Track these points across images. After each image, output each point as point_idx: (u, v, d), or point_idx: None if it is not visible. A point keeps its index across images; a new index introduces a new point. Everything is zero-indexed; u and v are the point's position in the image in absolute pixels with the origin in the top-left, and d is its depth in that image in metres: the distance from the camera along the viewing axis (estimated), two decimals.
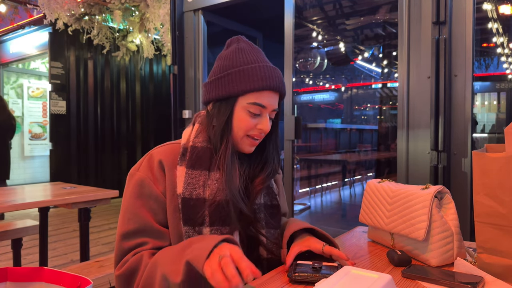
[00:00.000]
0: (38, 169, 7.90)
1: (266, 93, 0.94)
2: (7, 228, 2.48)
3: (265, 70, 0.94)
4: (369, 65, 6.77)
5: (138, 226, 0.89)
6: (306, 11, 4.51)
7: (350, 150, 5.99)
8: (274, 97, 0.96)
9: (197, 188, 0.90)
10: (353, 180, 5.71)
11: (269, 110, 0.96)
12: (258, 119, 0.95)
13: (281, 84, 0.97)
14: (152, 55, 5.60)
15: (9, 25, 5.98)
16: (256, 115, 0.95)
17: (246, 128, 0.95)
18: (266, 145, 1.03)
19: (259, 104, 0.93)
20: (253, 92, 0.93)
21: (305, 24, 4.74)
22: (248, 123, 0.94)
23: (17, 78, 7.76)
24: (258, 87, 0.92)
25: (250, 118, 0.94)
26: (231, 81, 0.94)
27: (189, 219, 0.88)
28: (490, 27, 4.31)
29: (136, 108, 6.89)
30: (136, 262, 0.86)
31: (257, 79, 0.93)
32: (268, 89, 0.93)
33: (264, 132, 0.96)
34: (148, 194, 0.91)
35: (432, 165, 2.02)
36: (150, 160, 0.94)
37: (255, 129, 0.95)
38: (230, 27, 3.81)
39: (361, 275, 0.73)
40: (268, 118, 0.96)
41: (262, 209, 0.99)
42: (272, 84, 0.94)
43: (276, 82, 0.95)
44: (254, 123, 0.95)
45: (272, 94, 0.95)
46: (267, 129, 0.96)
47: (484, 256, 0.83)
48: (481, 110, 5.93)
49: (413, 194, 0.98)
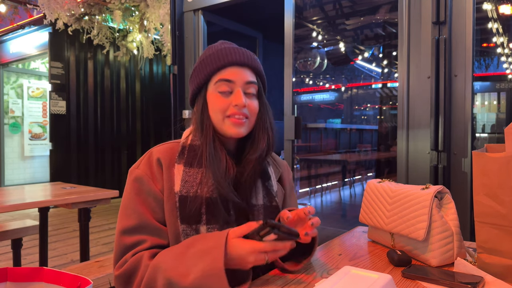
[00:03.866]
0: (38, 169, 7.90)
1: (230, 69, 0.93)
2: (7, 228, 2.48)
3: (224, 50, 0.94)
4: (369, 65, 6.77)
5: (138, 222, 0.89)
6: (306, 11, 4.51)
7: (350, 150, 5.99)
8: (242, 71, 0.94)
9: (194, 186, 0.90)
10: (353, 180, 5.71)
11: (240, 84, 0.93)
12: (232, 97, 0.93)
13: (245, 58, 0.95)
14: (152, 55, 5.60)
15: (9, 25, 5.97)
16: (227, 93, 0.93)
17: (221, 108, 0.93)
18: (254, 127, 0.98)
19: (224, 79, 0.92)
20: (217, 72, 0.93)
21: (305, 24, 4.74)
22: (221, 103, 0.93)
23: (17, 78, 7.75)
24: (219, 65, 0.92)
25: (223, 97, 0.93)
26: (198, 73, 0.96)
27: (186, 217, 0.88)
28: (490, 27, 4.31)
29: (136, 108, 6.89)
30: (135, 263, 0.85)
31: (216, 60, 0.93)
32: (229, 64, 0.93)
33: (240, 106, 0.92)
34: (146, 191, 0.91)
35: (432, 165, 2.02)
36: (150, 158, 0.94)
37: (231, 107, 0.93)
38: (230, 27, 3.80)
39: (361, 275, 0.73)
40: (241, 92, 0.92)
41: (261, 210, 0.97)
42: (233, 58, 0.93)
43: (238, 56, 0.93)
44: (228, 101, 0.93)
45: (238, 69, 0.93)
46: (242, 102, 0.91)
47: (484, 256, 0.83)
48: (481, 110, 5.93)
49: (413, 194, 0.98)
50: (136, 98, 6.88)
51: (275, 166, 1.09)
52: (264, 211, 0.97)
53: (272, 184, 1.01)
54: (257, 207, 0.96)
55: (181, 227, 0.88)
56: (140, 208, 0.90)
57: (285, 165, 1.13)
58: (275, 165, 1.09)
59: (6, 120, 7.57)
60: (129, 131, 6.84)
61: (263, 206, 0.97)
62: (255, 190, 0.97)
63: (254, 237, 0.78)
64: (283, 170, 1.11)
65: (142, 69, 6.88)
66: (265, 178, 1.00)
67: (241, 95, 0.92)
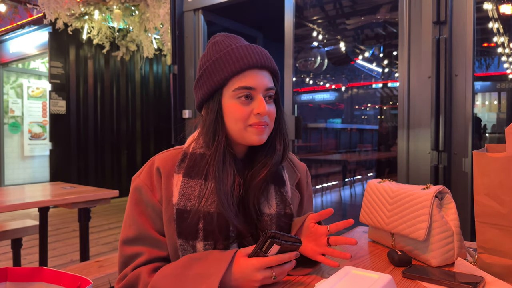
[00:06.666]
0: (38, 169, 7.90)
1: (249, 73, 0.84)
2: (7, 228, 2.48)
3: (240, 50, 0.85)
4: (369, 64, 6.76)
5: (137, 233, 0.87)
6: (306, 10, 4.51)
7: (350, 150, 5.99)
8: (262, 75, 0.86)
9: (192, 199, 0.84)
10: (353, 180, 5.71)
11: (261, 90, 0.86)
12: (252, 104, 0.85)
13: (264, 59, 0.87)
14: (152, 55, 5.60)
15: (9, 24, 5.97)
16: (247, 100, 0.85)
17: (242, 118, 0.85)
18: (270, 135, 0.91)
19: (244, 87, 0.84)
20: (234, 76, 0.84)
21: (305, 23, 4.73)
22: (242, 112, 0.85)
23: (17, 78, 7.75)
24: (237, 69, 0.84)
25: (243, 105, 0.85)
26: (209, 76, 0.87)
27: (183, 231, 0.84)
28: (491, 26, 4.31)
29: (136, 108, 6.89)
30: (133, 280, 0.84)
31: (233, 61, 0.84)
32: (249, 67, 0.84)
33: (263, 114, 0.85)
34: (145, 202, 0.88)
35: (433, 165, 2.02)
36: (151, 167, 0.90)
37: (253, 116, 0.85)
38: (230, 26, 3.80)
39: (362, 275, 0.73)
40: (263, 99, 0.85)
41: (275, 220, 0.89)
42: (252, 61, 0.84)
43: (257, 58, 0.85)
44: (249, 110, 0.85)
45: (257, 72, 0.85)
46: (265, 110, 0.84)
47: (484, 256, 0.83)
48: (481, 110, 5.92)
49: (414, 194, 0.97)
50: (136, 98, 6.88)
51: (293, 170, 1.02)
52: (277, 220, 0.90)
53: (287, 190, 0.94)
54: (270, 216, 0.90)
55: (178, 241, 0.84)
56: (139, 219, 0.88)
57: (303, 168, 1.07)
58: (292, 169, 1.02)
59: (6, 120, 7.57)
60: (129, 131, 6.84)
61: (276, 215, 0.90)
62: (267, 197, 0.91)
63: (259, 255, 0.76)
64: (302, 174, 1.04)
65: (142, 69, 6.88)
66: (280, 184, 0.94)
67: (264, 103, 0.85)
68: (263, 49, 0.89)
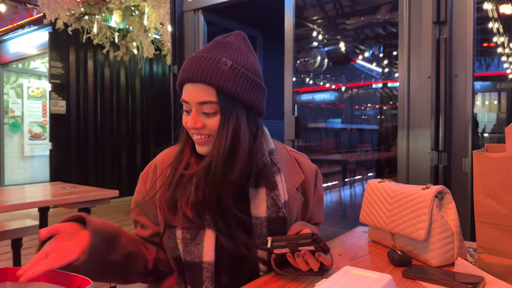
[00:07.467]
0: (38, 169, 7.90)
1: (187, 86, 0.86)
2: (7, 228, 2.48)
3: (187, 62, 0.86)
4: (369, 64, 6.76)
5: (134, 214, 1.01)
6: (307, 10, 4.51)
7: (350, 150, 5.99)
8: (195, 88, 0.84)
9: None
10: (353, 180, 5.71)
11: (193, 104, 0.85)
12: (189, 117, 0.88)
13: (200, 72, 0.82)
14: (152, 55, 5.60)
15: (9, 24, 5.97)
16: (187, 113, 0.88)
17: (185, 127, 0.90)
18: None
19: (182, 100, 0.88)
20: (181, 88, 0.88)
21: (306, 23, 4.74)
22: (184, 122, 0.90)
23: (17, 78, 7.75)
24: (179, 82, 0.88)
25: (185, 117, 0.89)
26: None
27: (167, 219, 0.91)
28: (491, 26, 4.31)
29: (136, 108, 6.89)
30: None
31: (180, 73, 0.87)
32: (185, 81, 0.86)
33: (190, 127, 0.88)
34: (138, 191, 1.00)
35: (433, 165, 2.02)
36: (152, 163, 1.00)
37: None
38: (230, 26, 3.80)
39: (362, 275, 0.73)
40: (195, 113, 0.86)
41: (265, 223, 0.90)
42: (185, 75, 0.85)
43: (191, 72, 0.83)
44: (186, 121, 0.89)
45: (191, 86, 0.85)
46: (191, 125, 0.86)
47: (484, 256, 0.83)
48: (481, 110, 5.92)
49: (414, 194, 0.97)
50: (136, 98, 6.88)
51: (296, 171, 0.99)
52: (267, 223, 0.90)
53: (279, 194, 0.91)
54: (260, 220, 0.90)
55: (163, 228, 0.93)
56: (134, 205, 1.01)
57: (312, 170, 1.03)
58: (296, 170, 0.99)
59: (6, 120, 7.57)
60: (129, 131, 6.84)
61: (267, 218, 0.90)
62: (257, 201, 0.91)
63: (291, 244, 0.77)
64: (308, 176, 1.01)
65: (142, 69, 6.88)
66: (271, 187, 0.91)
67: (192, 117, 0.86)
68: (211, 60, 0.83)
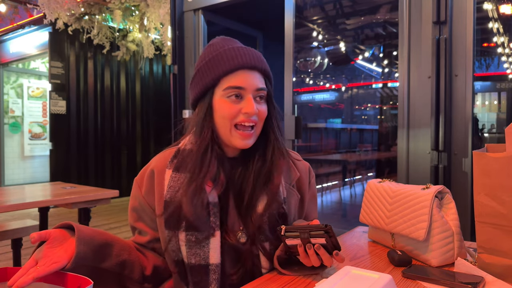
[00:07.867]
0: (38, 169, 7.90)
1: (240, 73, 0.87)
2: (7, 228, 2.48)
3: (232, 51, 0.88)
4: (369, 64, 6.76)
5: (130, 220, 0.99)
6: (307, 10, 4.51)
7: (350, 150, 5.99)
8: (252, 75, 0.88)
9: (178, 191, 0.88)
10: (353, 180, 5.70)
11: (250, 91, 0.88)
12: (242, 103, 0.88)
13: (255, 60, 0.89)
14: (152, 55, 5.60)
15: (9, 24, 5.97)
16: (237, 99, 0.88)
17: (229, 116, 0.87)
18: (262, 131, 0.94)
19: (234, 86, 0.87)
20: (225, 76, 0.87)
21: (306, 23, 4.73)
22: (230, 110, 0.87)
23: (17, 78, 7.75)
24: (228, 69, 0.87)
25: (232, 103, 0.87)
26: (202, 75, 0.90)
27: (168, 222, 0.87)
28: (491, 26, 4.31)
29: (136, 108, 6.89)
30: None
31: (224, 62, 0.87)
32: (239, 67, 0.87)
33: (251, 114, 0.87)
34: (134, 196, 0.97)
35: (433, 165, 2.02)
36: (147, 167, 0.97)
37: (241, 114, 0.88)
38: (230, 26, 3.81)
39: (362, 275, 0.73)
40: (252, 99, 0.87)
41: (266, 218, 0.90)
42: (242, 62, 0.87)
43: (247, 59, 0.88)
44: (237, 108, 0.87)
45: (248, 73, 0.88)
46: (253, 110, 0.87)
47: (484, 256, 0.83)
48: (481, 110, 5.92)
49: (414, 194, 0.97)
50: (136, 98, 6.88)
51: (292, 169, 1.00)
52: (268, 219, 0.90)
53: (280, 190, 0.94)
54: (260, 215, 0.90)
55: (165, 232, 0.88)
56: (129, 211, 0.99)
57: (306, 167, 1.05)
58: (292, 168, 1.01)
59: (6, 120, 7.57)
60: (129, 131, 6.84)
61: (268, 214, 0.91)
62: (259, 197, 0.92)
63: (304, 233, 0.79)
64: (303, 173, 1.03)
65: (142, 69, 6.87)
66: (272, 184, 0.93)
67: (252, 103, 0.87)
68: (256, 51, 0.92)
